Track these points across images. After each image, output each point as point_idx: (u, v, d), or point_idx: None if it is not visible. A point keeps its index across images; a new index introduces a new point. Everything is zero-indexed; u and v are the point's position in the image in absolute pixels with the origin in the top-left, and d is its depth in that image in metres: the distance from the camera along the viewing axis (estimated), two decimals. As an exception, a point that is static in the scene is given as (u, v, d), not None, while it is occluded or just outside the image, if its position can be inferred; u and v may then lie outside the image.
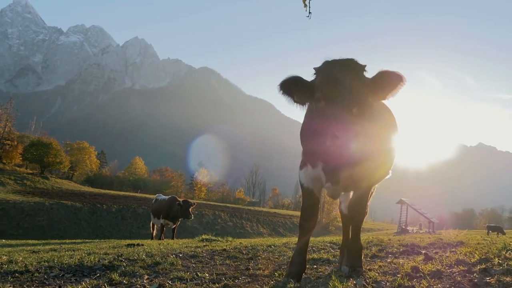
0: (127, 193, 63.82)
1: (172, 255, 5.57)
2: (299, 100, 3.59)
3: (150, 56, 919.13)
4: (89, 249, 7.44)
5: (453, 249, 6.01)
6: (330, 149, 3.08)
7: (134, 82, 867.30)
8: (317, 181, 3.92)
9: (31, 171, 63.15)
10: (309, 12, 5.13)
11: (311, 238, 9.89)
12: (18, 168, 62.37)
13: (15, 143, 66.09)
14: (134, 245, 8.80)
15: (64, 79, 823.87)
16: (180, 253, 5.79)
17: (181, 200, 17.23)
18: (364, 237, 12.39)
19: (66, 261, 5.01)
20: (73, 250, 7.41)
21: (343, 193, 4.69)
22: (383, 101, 4.39)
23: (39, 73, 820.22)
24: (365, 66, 3.45)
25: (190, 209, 16.74)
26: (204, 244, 7.79)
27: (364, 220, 4.56)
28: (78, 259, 5.13)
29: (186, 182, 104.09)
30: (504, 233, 36.70)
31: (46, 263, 4.96)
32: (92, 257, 5.18)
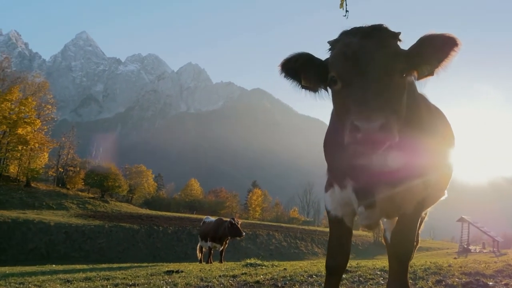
0: (183, 215, 64.59)
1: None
2: (308, 85, 2.71)
3: (204, 80, 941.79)
4: (123, 278, 7.24)
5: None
6: (351, 149, 2.26)
7: (189, 106, 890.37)
8: (348, 207, 3.05)
9: (92, 195, 65.62)
10: (346, 11, 4.88)
11: (362, 263, 9.21)
12: (80, 193, 64.92)
13: (78, 169, 69.20)
14: (173, 272, 8.44)
15: (124, 107, 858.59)
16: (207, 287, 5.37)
17: (227, 220, 17.02)
18: (421, 260, 11.16)
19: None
20: (107, 279, 7.24)
21: (385, 219, 3.59)
22: (434, 104, 3.67)
23: (101, 102, 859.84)
24: (398, 33, 2.53)
25: (239, 227, 16.35)
26: (243, 272, 7.32)
27: (420, 240, 3.60)
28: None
29: (241, 203, 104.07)
30: None
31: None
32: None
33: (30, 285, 6.66)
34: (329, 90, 2.63)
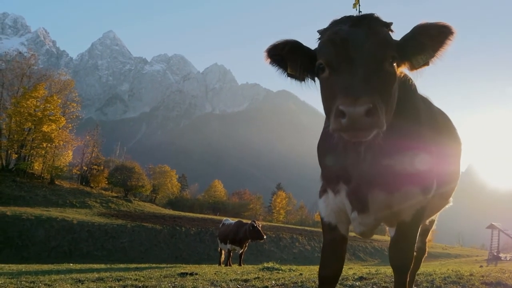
0: (206, 216, 64.58)
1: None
2: (294, 73, 2.62)
3: (229, 81, 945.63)
4: (135, 280, 7.07)
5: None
6: (337, 137, 2.20)
7: (214, 107, 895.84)
8: (342, 213, 2.93)
9: (116, 194, 65.99)
10: (359, 12, 4.79)
11: (383, 269, 8.73)
12: (104, 192, 65.38)
13: (102, 167, 69.69)
14: (187, 274, 8.36)
15: (149, 106, 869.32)
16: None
17: (247, 222, 16.67)
18: (444, 268, 10.84)
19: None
20: (118, 280, 7.07)
21: (389, 228, 3.34)
22: (438, 107, 3.58)
23: (126, 101, 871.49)
24: (390, 23, 2.42)
25: (260, 229, 16.01)
26: (257, 276, 7.19)
27: (449, 247, 3.34)
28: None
29: (265, 205, 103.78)
30: None
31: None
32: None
33: (41, 284, 6.65)
34: (317, 80, 2.55)
